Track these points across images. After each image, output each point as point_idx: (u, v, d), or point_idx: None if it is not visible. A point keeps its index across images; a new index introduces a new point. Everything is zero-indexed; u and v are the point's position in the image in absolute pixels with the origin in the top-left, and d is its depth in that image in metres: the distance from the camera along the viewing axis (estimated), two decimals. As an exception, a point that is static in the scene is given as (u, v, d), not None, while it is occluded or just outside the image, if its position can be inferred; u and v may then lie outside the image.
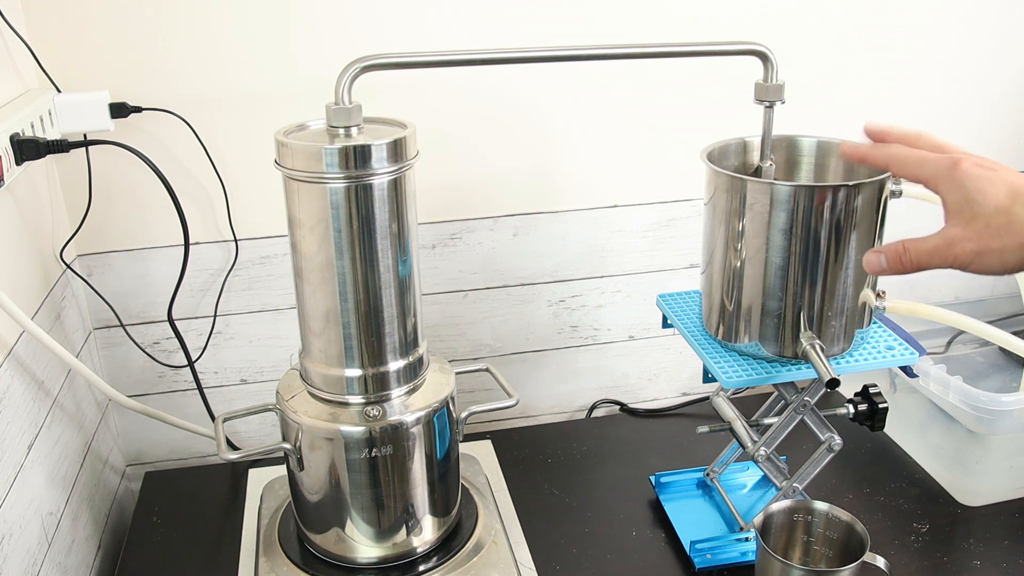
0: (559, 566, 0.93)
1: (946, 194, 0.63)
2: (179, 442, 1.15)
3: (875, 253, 0.66)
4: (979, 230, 0.60)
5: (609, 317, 1.22)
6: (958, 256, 0.61)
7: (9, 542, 0.76)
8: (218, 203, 1.04)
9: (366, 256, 0.76)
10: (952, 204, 0.62)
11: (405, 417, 0.81)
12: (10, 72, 0.89)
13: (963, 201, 0.61)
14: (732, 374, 0.82)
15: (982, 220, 0.60)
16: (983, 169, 0.61)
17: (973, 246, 0.61)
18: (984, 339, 1.02)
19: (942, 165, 0.63)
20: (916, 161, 0.65)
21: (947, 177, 0.62)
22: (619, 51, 0.83)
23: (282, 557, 0.88)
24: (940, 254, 0.62)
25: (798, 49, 1.11)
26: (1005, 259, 0.60)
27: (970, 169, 0.61)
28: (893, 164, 0.67)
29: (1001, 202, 0.60)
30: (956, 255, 0.61)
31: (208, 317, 1.09)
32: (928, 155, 0.65)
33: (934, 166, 0.63)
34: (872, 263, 0.66)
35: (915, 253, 0.64)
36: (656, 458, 1.11)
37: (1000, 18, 1.17)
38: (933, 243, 0.63)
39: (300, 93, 1.00)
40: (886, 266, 0.65)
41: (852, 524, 0.82)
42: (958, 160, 0.62)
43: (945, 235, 0.62)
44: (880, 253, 0.66)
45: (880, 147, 0.68)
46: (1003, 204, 0.60)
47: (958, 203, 0.62)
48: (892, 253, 0.65)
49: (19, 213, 0.88)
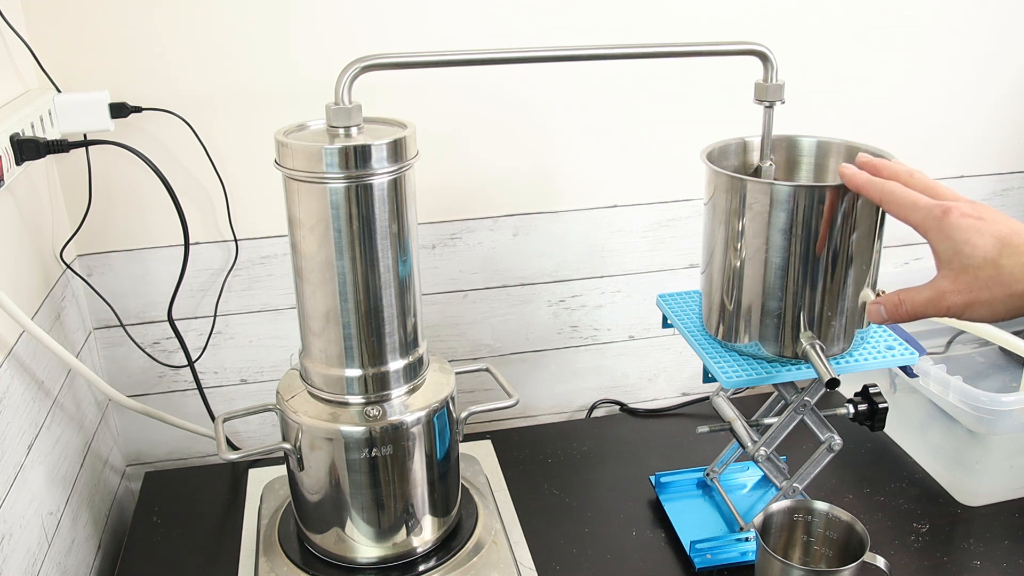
0: (559, 566, 0.93)
1: (936, 243, 0.64)
2: (179, 442, 1.15)
3: (875, 304, 0.70)
4: (968, 282, 0.62)
5: (609, 317, 1.22)
6: (950, 308, 0.64)
7: (9, 542, 0.77)
8: (218, 203, 1.04)
9: (366, 256, 0.76)
10: (942, 254, 0.64)
11: (405, 417, 0.81)
12: (10, 72, 0.89)
13: (951, 252, 0.63)
14: (732, 374, 0.82)
15: (970, 272, 0.62)
16: (971, 219, 0.63)
17: (962, 299, 0.63)
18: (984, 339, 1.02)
19: (932, 214, 0.64)
20: (909, 205, 0.67)
21: (936, 227, 0.64)
22: (619, 51, 0.83)
23: (282, 557, 0.88)
24: (934, 305, 0.65)
25: (798, 49, 1.11)
26: (995, 310, 0.62)
27: (958, 220, 0.63)
28: (887, 202, 0.69)
29: (988, 254, 0.61)
30: (948, 307, 0.64)
31: (208, 317, 1.09)
32: (920, 200, 0.66)
33: (925, 214, 0.65)
34: (873, 313, 0.70)
35: (910, 304, 0.67)
36: (656, 458, 1.11)
37: (1000, 18, 1.17)
38: (926, 295, 0.65)
39: (300, 93, 1.00)
40: (886, 316, 0.69)
41: (852, 524, 0.82)
42: (948, 209, 0.64)
43: (936, 287, 0.64)
44: (879, 304, 0.69)
45: (878, 182, 0.70)
46: (990, 256, 0.61)
47: (947, 253, 0.63)
48: (890, 304, 0.68)
49: (19, 213, 0.88)
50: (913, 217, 0.66)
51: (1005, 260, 0.61)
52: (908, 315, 0.67)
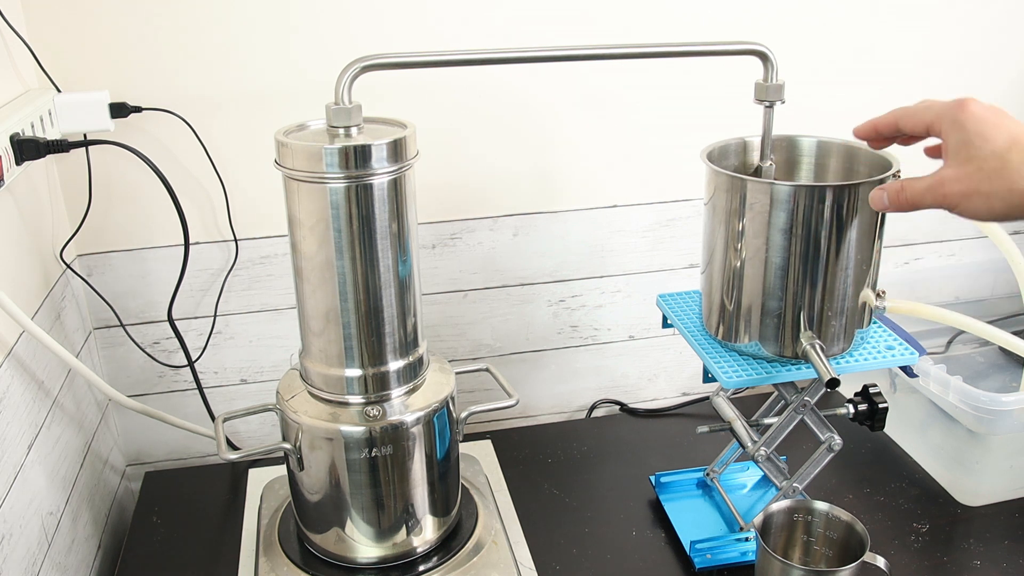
0: (559, 566, 0.93)
1: (948, 135, 0.64)
2: (179, 442, 1.15)
3: (879, 189, 0.70)
4: (971, 172, 0.62)
5: (609, 317, 1.22)
6: (947, 196, 0.64)
7: (9, 542, 0.77)
8: (218, 203, 1.04)
9: (366, 256, 0.76)
10: (952, 145, 0.64)
11: (405, 417, 0.81)
12: (10, 72, 0.89)
13: (961, 143, 0.63)
14: (732, 374, 0.82)
15: (976, 163, 0.62)
16: (988, 113, 0.63)
17: (961, 187, 0.63)
18: (984, 339, 1.02)
19: (949, 106, 0.65)
20: (923, 107, 0.67)
21: (951, 117, 0.64)
22: (619, 51, 0.83)
23: (282, 557, 0.88)
24: (932, 192, 0.65)
25: (799, 49, 1.11)
26: (992, 204, 0.62)
27: (975, 110, 0.63)
28: (901, 116, 0.69)
29: (998, 147, 0.61)
30: (946, 194, 0.64)
31: (208, 317, 1.09)
32: (935, 101, 0.66)
33: (941, 107, 0.65)
34: (876, 199, 0.70)
35: (910, 192, 0.67)
36: (656, 458, 1.11)
37: (1000, 18, 1.17)
38: (927, 182, 0.65)
39: (300, 93, 1.00)
40: (888, 203, 0.69)
41: (852, 524, 0.82)
42: (966, 101, 0.64)
43: (939, 174, 0.64)
44: (883, 190, 0.69)
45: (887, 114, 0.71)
46: (999, 149, 0.61)
47: (957, 144, 0.63)
48: (892, 190, 0.68)
49: (19, 213, 0.88)
50: (928, 115, 0.66)
51: (1013, 156, 0.60)
52: (908, 202, 0.67)
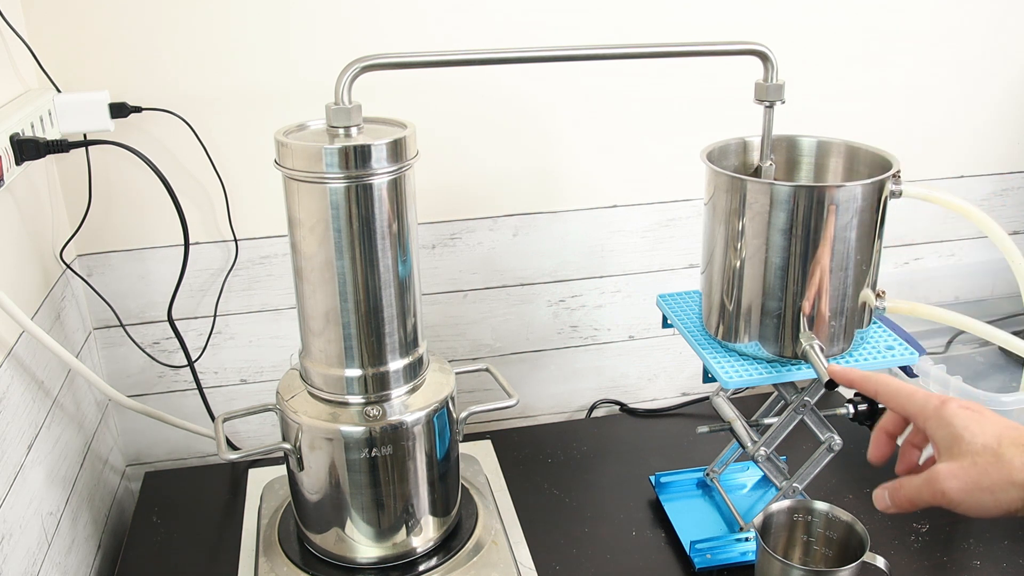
0: (559, 566, 0.93)
1: (934, 431, 0.64)
2: (179, 442, 1.15)
3: (881, 489, 0.67)
4: (966, 467, 0.61)
5: (609, 317, 1.22)
6: (946, 492, 0.61)
7: (9, 542, 0.76)
8: (218, 203, 1.04)
9: (366, 256, 0.76)
10: (941, 441, 0.63)
11: (405, 417, 0.81)
12: (10, 72, 0.89)
13: (951, 438, 0.62)
14: (732, 374, 0.82)
15: (969, 458, 0.61)
16: (970, 411, 0.63)
17: (960, 483, 0.60)
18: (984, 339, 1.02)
19: (930, 403, 0.64)
20: (906, 395, 0.66)
21: (935, 415, 0.64)
22: (619, 51, 0.83)
23: (282, 557, 0.88)
24: (929, 486, 0.62)
25: (798, 49, 1.11)
26: (998, 498, 0.59)
27: (957, 410, 0.63)
28: (882, 393, 0.69)
29: (988, 441, 0.60)
30: (944, 491, 0.61)
31: (208, 317, 1.09)
32: (917, 390, 0.66)
33: (923, 403, 0.65)
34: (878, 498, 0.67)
35: (907, 489, 0.64)
36: (656, 458, 1.11)
37: (1000, 18, 1.17)
38: (922, 477, 0.63)
39: (300, 93, 1.00)
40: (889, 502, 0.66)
41: (852, 524, 0.82)
42: (946, 400, 0.64)
43: (932, 469, 0.62)
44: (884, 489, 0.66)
45: (870, 375, 0.70)
46: (990, 444, 0.60)
47: (946, 440, 0.62)
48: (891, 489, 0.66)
49: (19, 213, 0.88)
50: (911, 407, 0.66)
51: (1005, 450, 0.60)
52: (906, 499, 0.64)
